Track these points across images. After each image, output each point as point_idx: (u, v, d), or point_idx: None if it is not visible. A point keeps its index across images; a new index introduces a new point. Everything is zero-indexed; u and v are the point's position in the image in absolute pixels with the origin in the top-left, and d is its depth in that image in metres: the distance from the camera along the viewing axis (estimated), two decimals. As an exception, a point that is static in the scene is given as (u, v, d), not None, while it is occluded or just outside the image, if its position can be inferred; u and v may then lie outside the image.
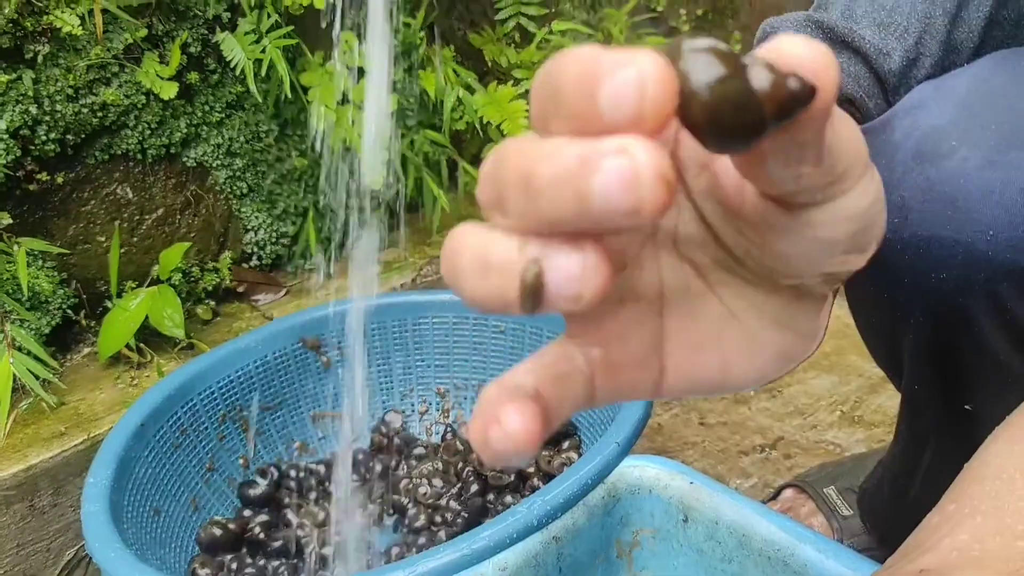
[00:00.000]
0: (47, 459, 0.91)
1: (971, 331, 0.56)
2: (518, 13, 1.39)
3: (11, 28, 0.94)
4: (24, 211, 1.01)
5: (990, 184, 0.50)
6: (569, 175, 0.21)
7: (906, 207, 0.53)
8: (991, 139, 0.51)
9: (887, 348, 0.66)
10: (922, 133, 0.53)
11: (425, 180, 1.24)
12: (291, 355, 1.02)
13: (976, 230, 0.50)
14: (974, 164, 0.50)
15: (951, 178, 0.51)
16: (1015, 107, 0.51)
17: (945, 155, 0.52)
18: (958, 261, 0.52)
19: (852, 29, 0.58)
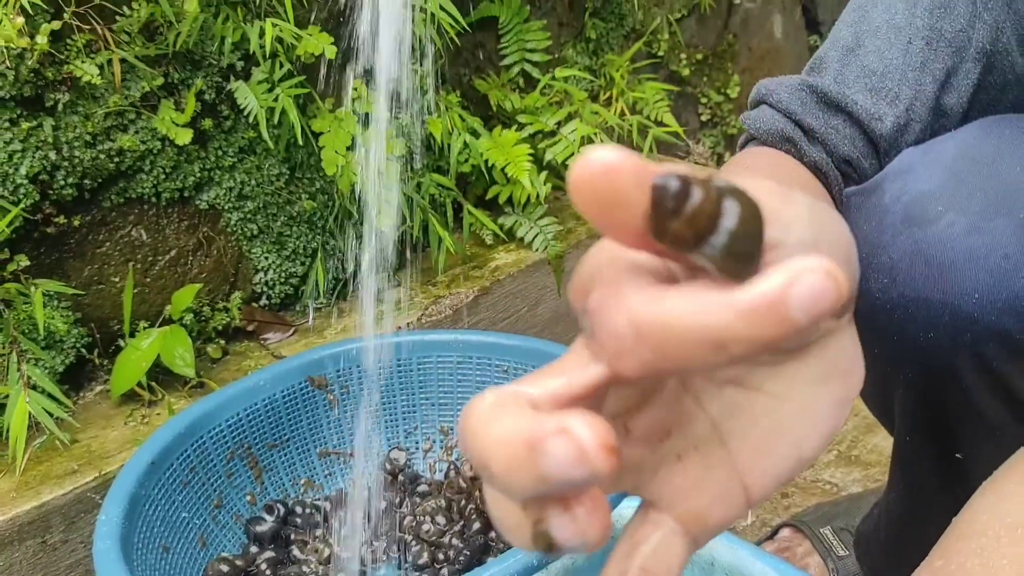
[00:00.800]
0: (59, 496, 0.94)
1: (959, 388, 0.57)
2: (523, 59, 1.43)
3: (32, 77, 0.98)
4: (41, 253, 1.04)
5: (975, 249, 0.52)
6: (520, 462, 0.23)
7: (895, 268, 0.55)
8: (976, 205, 0.53)
9: (879, 400, 0.69)
10: (911, 197, 0.55)
11: (431, 221, 1.27)
12: (298, 393, 1.04)
13: (962, 293, 0.52)
14: (960, 229, 0.52)
15: (938, 242, 0.53)
16: (999, 174, 0.54)
17: (932, 220, 0.54)
18: (945, 322, 0.54)
19: (845, 94, 0.60)
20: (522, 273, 1.32)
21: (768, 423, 0.30)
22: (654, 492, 0.30)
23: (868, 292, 0.56)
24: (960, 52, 0.59)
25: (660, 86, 1.57)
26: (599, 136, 1.39)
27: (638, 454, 0.30)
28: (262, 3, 1.10)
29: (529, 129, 1.38)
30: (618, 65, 1.55)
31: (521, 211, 1.37)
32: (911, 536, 0.78)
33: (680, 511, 0.30)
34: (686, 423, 0.30)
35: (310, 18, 1.17)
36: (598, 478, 0.22)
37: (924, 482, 0.72)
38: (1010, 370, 0.55)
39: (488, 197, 1.37)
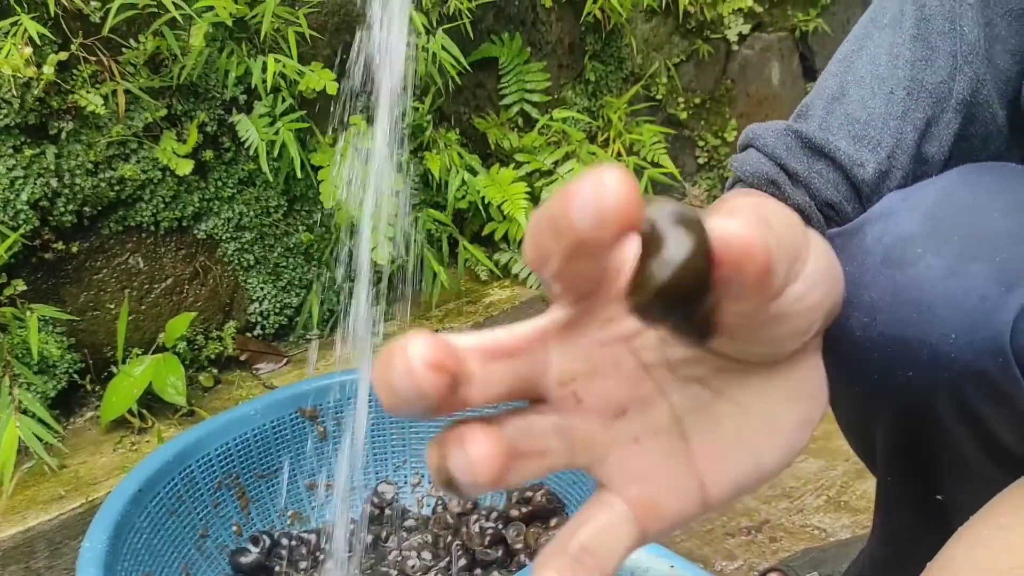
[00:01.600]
0: (45, 522, 0.94)
1: (938, 428, 0.58)
2: (522, 99, 1.46)
3: (38, 106, 1.00)
4: (38, 278, 1.05)
5: (952, 292, 0.53)
6: (379, 374, 0.26)
7: (875, 307, 0.56)
8: (954, 249, 0.54)
9: (861, 439, 0.69)
10: (891, 239, 0.56)
11: (426, 256, 1.28)
12: (288, 424, 1.05)
13: (940, 333, 0.53)
14: (938, 272, 0.54)
15: (917, 284, 0.54)
16: (977, 219, 0.55)
17: (911, 262, 0.55)
18: (923, 361, 0.54)
19: (828, 140, 0.62)
20: (516, 309, 1.32)
21: (730, 428, 0.31)
22: (607, 472, 0.31)
23: (850, 330, 0.57)
24: (941, 103, 0.61)
25: (658, 128, 1.59)
26: (595, 176, 1.41)
27: (591, 428, 0.30)
28: (266, 39, 1.12)
29: (527, 168, 1.40)
30: (616, 107, 1.57)
31: (516, 248, 1.38)
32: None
33: (632, 494, 0.30)
34: (645, 407, 0.31)
35: (313, 55, 1.19)
36: (423, 392, 0.25)
37: (906, 524, 0.72)
38: (989, 412, 0.55)
39: (484, 233, 1.39)
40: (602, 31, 1.60)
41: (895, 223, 0.57)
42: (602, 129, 1.58)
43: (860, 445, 0.70)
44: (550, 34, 1.53)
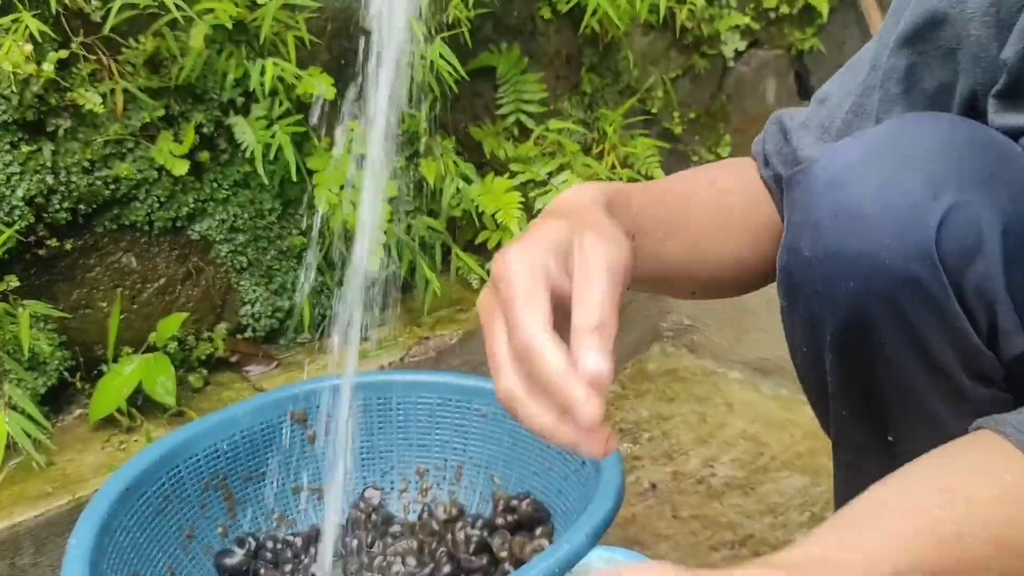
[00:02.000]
0: (31, 518, 0.94)
1: (879, 346, 0.62)
2: (518, 109, 1.47)
3: (36, 103, 1.00)
4: (31, 274, 1.06)
5: (886, 201, 0.59)
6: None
7: (820, 226, 0.62)
8: (890, 167, 0.61)
9: (815, 379, 0.72)
10: (835, 167, 0.63)
11: (419, 263, 1.29)
12: (277, 427, 1.05)
13: (876, 241, 0.59)
14: (874, 186, 0.60)
15: (856, 199, 0.61)
16: (913, 142, 0.61)
17: (852, 182, 0.62)
18: (862, 270, 0.60)
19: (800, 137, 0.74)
20: (507, 319, 1.33)
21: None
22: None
23: (799, 251, 0.64)
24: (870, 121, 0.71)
25: (652, 142, 1.60)
26: (589, 188, 1.42)
27: None
28: (265, 42, 1.13)
29: (521, 178, 1.41)
30: (611, 120, 1.59)
31: (509, 257, 1.38)
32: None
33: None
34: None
35: (312, 60, 1.20)
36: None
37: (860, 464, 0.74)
38: (923, 322, 0.60)
39: (477, 242, 1.39)
40: (600, 44, 1.61)
41: (839, 154, 0.64)
42: (597, 141, 1.59)
43: (815, 386, 0.73)
44: (548, 45, 1.54)
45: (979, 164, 0.60)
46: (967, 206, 0.58)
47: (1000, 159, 0.61)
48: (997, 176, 0.59)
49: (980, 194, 0.58)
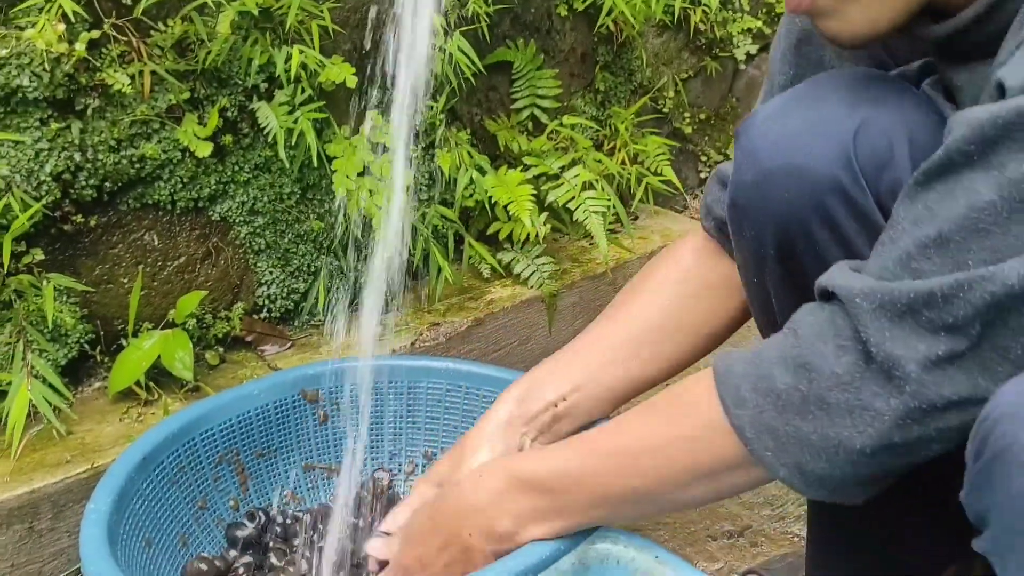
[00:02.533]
0: (51, 484, 0.96)
1: (818, 259, 0.69)
2: (533, 104, 1.49)
3: (66, 81, 1.03)
4: (56, 249, 1.08)
5: (810, 119, 0.70)
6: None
7: (758, 152, 0.71)
8: (813, 99, 0.72)
9: (765, 307, 0.79)
10: (771, 108, 0.74)
11: (432, 251, 1.32)
12: (290, 405, 1.07)
13: (804, 152, 0.68)
14: (800, 112, 0.71)
15: (784, 122, 0.71)
16: (831, 82, 0.73)
17: (785, 114, 0.72)
18: (793, 180, 0.69)
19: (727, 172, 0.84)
20: (516, 308, 1.36)
21: None
22: None
23: (742, 181, 0.73)
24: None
25: (662, 140, 1.62)
26: (600, 182, 1.45)
27: None
28: (290, 30, 1.15)
29: (534, 171, 1.43)
30: (623, 117, 1.61)
31: (520, 248, 1.41)
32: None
33: None
34: None
35: (334, 48, 1.23)
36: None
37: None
38: (847, 225, 0.68)
39: (489, 232, 1.42)
40: (614, 43, 1.64)
41: (774, 100, 0.75)
42: (609, 138, 1.61)
43: (763, 312, 0.81)
44: (564, 43, 1.57)
45: (884, 90, 0.70)
46: (878, 118, 0.67)
47: (900, 89, 0.71)
48: (900, 97, 0.69)
49: (888, 110, 0.68)
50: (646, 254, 1.50)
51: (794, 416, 0.62)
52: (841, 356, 0.60)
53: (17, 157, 1.02)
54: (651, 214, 1.64)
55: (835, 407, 0.60)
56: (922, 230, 0.59)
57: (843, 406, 0.60)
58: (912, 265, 0.59)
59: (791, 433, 0.63)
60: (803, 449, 0.62)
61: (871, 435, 0.60)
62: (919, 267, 0.58)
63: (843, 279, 0.62)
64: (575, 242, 1.52)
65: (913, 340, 0.58)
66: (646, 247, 1.52)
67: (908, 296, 0.58)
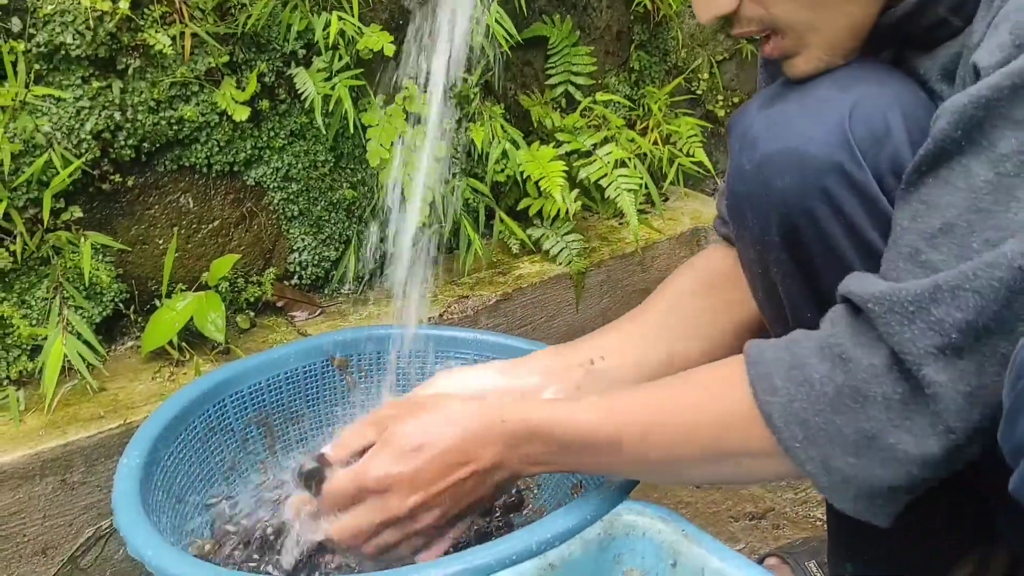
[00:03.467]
0: (84, 438, 0.98)
1: (820, 238, 0.69)
2: (567, 81, 1.48)
3: (108, 40, 1.04)
4: (94, 207, 1.09)
5: (806, 104, 0.70)
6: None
7: (755, 139, 0.72)
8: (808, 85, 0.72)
9: (770, 296, 0.79)
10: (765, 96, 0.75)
11: (463, 224, 1.32)
12: (319, 371, 1.08)
13: (802, 135, 0.69)
14: (795, 98, 0.72)
15: (781, 109, 0.72)
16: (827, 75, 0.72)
17: (780, 100, 0.73)
18: (794, 163, 0.69)
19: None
20: (544, 284, 1.36)
21: None
22: None
23: (741, 168, 0.73)
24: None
25: (695, 122, 1.61)
26: (632, 161, 1.44)
27: None
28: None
29: (566, 147, 1.43)
30: (657, 97, 1.60)
31: (549, 225, 1.41)
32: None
33: None
34: None
35: (372, 17, 1.22)
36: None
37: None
38: (851, 207, 0.68)
39: (519, 208, 1.42)
40: (650, 22, 1.63)
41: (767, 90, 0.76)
42: (641, 118, 1.61)
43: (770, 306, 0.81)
44: (600, 20, 1.56)
45: (872, 70, 0.71)
46: (871, 96, 0.68)
47: (886, 69, 0.72)
48: (888, 76, 0.70)
49: (879, 88, 0.69)
50: (675, 236, 1.50)
51: (826, 407, 0.61)
52: (874, 355, 0.60)
53: (59, 114, 1.03)
54: (681, 196, 1.63)
55: (871, 401, 0.60)
56: (925, 223, 0.59)
57: (879, 401, 0.60)
58: (921, 259, 0.59)
59: (821, 425, 0.62)
60: (832, 442, 0.61)
61: (900, 437, 0.59)
62: (928, 259, 0.59)
63: (857, 285, 0.62)
64: (605, 221, 1.51)
65: (926, 340, 0.57)
66: (676, 228, 1.51)
67: (914, 294, 0.58)
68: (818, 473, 0.63)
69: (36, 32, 1.00)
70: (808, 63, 0.71)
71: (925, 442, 0.59)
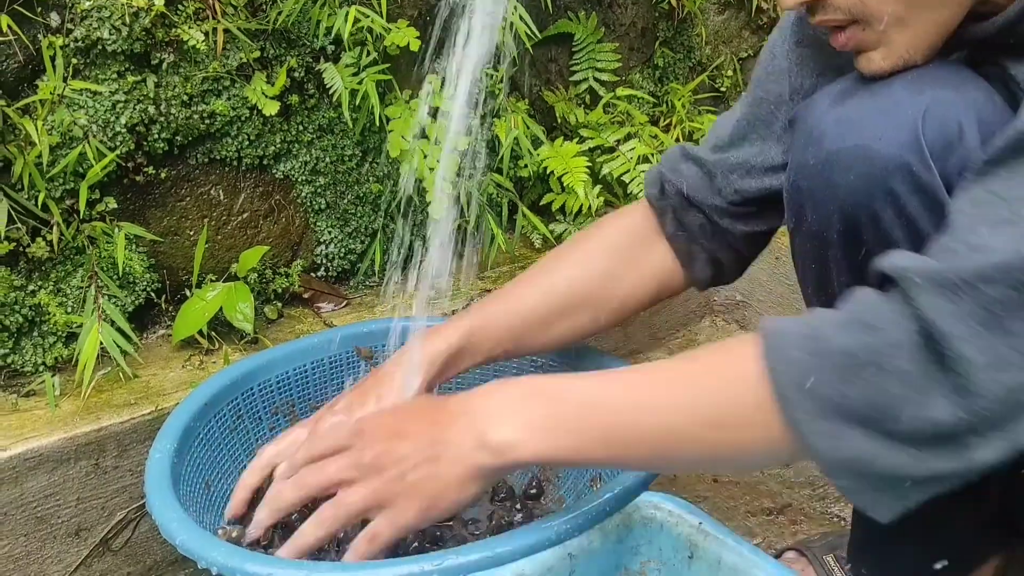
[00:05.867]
0: (117, 423, 1.00)
1: (881, 235, 0.69)
2: (591, 77, 1.49)
3: (144, 36, 1.06)
4: (127, 199, 1.12)
5: (878, 103, 0.69)
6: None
7: (822, 135, 0.71)
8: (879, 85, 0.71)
9: (822, 290, 0.78)
10: (835, 91, 0.74)
11: (486, 218, 1.33)
12: (344, 361, 1.10)
13: (871, 134, 0.68)
14: (866, 96, 0.70)
15: (852, 107, 0.71)
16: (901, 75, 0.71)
17: (850, 97, 0.72)
18: (860, 161, 0.68)
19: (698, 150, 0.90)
20: (566, 279, 1.37)
21: None
22: None
23: (805, 164, 0.73)
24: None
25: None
26: (655, 157, 1.45)
27: None
28: (358, -6, 1.17)
29: (589, 143, 1.44)
30: (681, 94, 1.61)
31: (572, 220, 1.42)
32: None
33: None
34: None
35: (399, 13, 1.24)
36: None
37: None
38: (918, 213, 0.67)
39: (542, 203, 1.43)
40: (675, 19, 1.63)
41: (836, 86, 0.74)
42: (665, 114, 1.61)
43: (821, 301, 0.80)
44: (624, 16, 1.57)
45: (947, 72, 0.70)
46: (945, 100, 0.67)
47: (961, 71, 0.70)
48: (963, 79, 0.69)
49: (953, 91, 0.67)
50: (697, 232, 1.50)
51: (841, 379, 0.58)
52: (900, 330, 0.57)
53: (95, 108, 1.05)
54: (703, 192, 1.64)
55: (891, 374, 0.56)
56: (991, 211, 0.57)
57: (898, 374, 0.56)
58: (977, 242, 0.56)
59: (833, 397, 0.58)
60: (841, 416, 0.57)
61: (917, 408, 0.56)
62: (986, 243, 0.56)
63: (900, 259, 0.59)
64: (627, 216, 1.52)
65: (971, 321, 0.54)
66: (697, 224, 1.52)
67: (968, 271, 0.55)
68: (823, 448, 0.58)
69: (74, 27, 1.03)
70: (887, 59, 0.69)
71: (941, 423, 0.55)
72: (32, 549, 0.98)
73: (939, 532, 0.86)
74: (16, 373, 1.05)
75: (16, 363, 1.04)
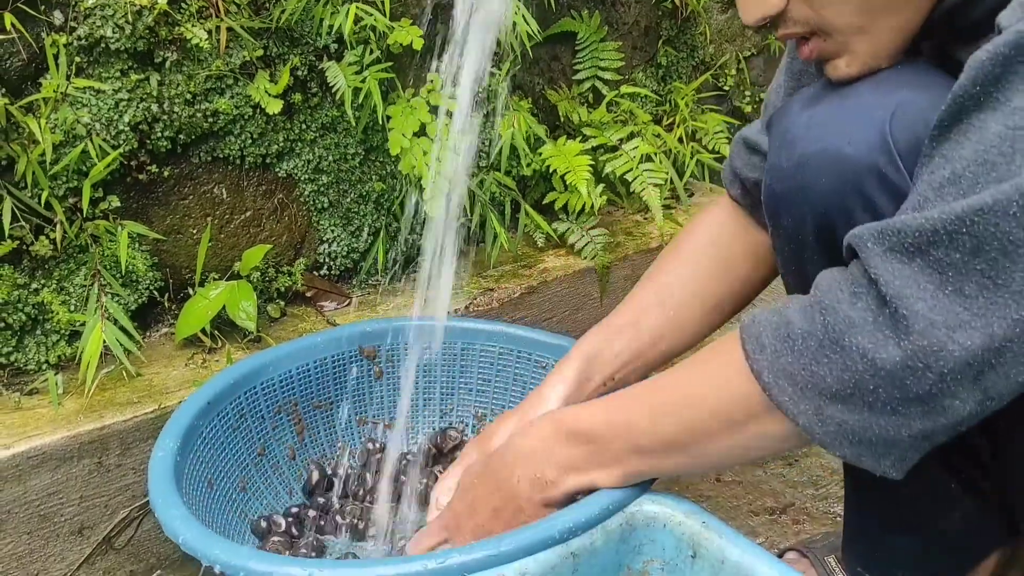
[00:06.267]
0: (120, 422, 1.00)
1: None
2: (595, 76, 1.49)
3: (147, 34, 1.06)
4: (130, 197, 1.12)
5: (846, 106, 0.70)
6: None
7: (795, 139, 0.72)
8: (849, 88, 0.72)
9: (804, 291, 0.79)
10: (807, 95, 0.75)
11: (489, 217, 1.33)
12: (347, 360, 1.10)
13: (841, 136, 0.69)
14: (836, 99, 0.72)
15: (822, 110, 0.72)
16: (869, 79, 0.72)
17: (821, 101, 0.73)
18: (832, 164, 0.69)
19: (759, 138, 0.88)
20: (568, 278, 1.37)
21: None
22: None
23: (778, 167, 0.74)
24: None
25: (722, 118, 1.62)
26: (658, 156, 1.45)
27: None
28: (362, -8, 1.17)
29: (592, 142, 1.44)
30: (684, 93, 1.61)
31: (574, 219, 1.42)
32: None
33: None
34: None
35: (403, 12, 1.24)
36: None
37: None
38: (888, 209, 0.67)
39: (545, 202, 1.43)
40: (678, 17, 1.63)
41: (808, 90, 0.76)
42: (668, 113, 1.61)
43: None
44: (628, 15, 1.57)
45: (915, 73, 0.70)
46: (913, 100, 0.68)
47: (929, 71, 0.71)
48: (931, 79, 0.69)
49: (921, 92, 0.68)
50: (700, 231, 1.50)
51: (810, 361, 0.62)
52: (856, 301, 0.61)
53: (98, 106, 1.05)
54: (706, 192, 1.64)
55: (849, 350, 0.60)
56: (936, 174, 0.59)
57: (856, 349, 0.60)
58: (921, 204, 0.59)
59: (807, 378, 0.62)
60: (820, 394, 0.62)
61: (884, 378, 0.59)
62: (930, 205, 0.59)
63: (859, 228, 0.62)
64: (629, 216, 1.52)
65: (922, 279, 0.58)
66: (700, 224, 1.52)
67: (915, 234, 0.58)
68: (812, 426, 0.63)
69: (77, 26, 1.03)
70: (852, 66, 0.70)
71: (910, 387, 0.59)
72: (35, 547, 0.98)
73: (939, 532, 0.86)
74: (19, 371, 1.05)
75: (19, 361, 1.05)
